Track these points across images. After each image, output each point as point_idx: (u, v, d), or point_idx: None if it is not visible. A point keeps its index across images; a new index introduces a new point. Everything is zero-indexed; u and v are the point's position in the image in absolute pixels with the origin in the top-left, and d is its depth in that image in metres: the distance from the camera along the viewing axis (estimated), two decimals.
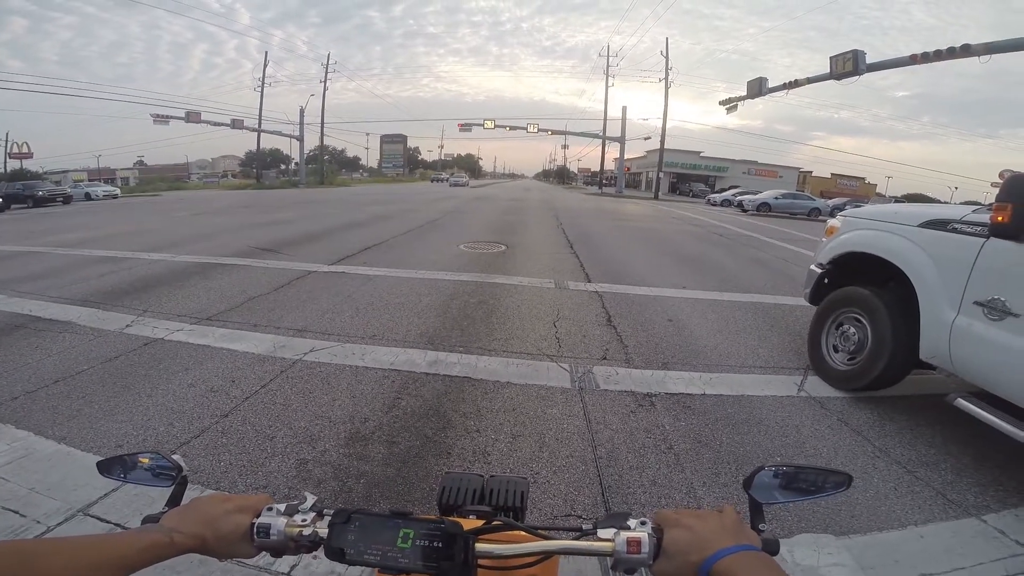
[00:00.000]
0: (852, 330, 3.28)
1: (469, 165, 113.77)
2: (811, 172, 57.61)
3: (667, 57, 38.23)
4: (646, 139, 45.75)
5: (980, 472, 2.46)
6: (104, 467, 0.72)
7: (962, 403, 2.46)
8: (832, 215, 4.40)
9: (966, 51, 14.96)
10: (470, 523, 0.66)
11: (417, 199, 23.09)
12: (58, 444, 2.48)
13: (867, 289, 3.22)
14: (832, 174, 57.77)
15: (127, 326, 4.18)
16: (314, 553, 0.61)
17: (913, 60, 16.80)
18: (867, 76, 18.54)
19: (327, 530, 0.59)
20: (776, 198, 25.96)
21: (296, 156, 49.66)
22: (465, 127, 41.59)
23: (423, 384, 3.21)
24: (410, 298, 5.20)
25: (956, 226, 2.64)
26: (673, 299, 5.52)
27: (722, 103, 26.70)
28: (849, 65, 18.34)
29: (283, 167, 67.90)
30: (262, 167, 52.60)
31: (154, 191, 38.20)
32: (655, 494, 2.21)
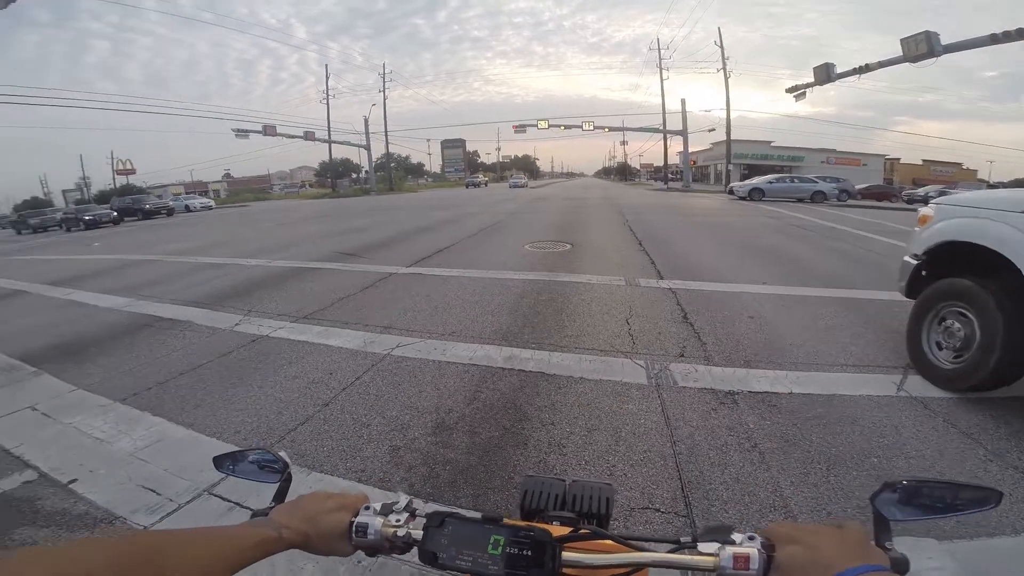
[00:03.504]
0: (957, 325, 3.05)
1: (526, 166, 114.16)
2: (899, 159, 52.59)
3: (722, 47, 36.45)
4: (710, 131, 43.78)
5: None
6: (218, 462, 0.76)
7: None
8: (925, 203, 4.05)
9: None
10: (556, 530, 0.62)
11: (479, 202, 23.54)
12: (187, 430, 2.82)
13: (971, 280, 3.00)
14: (924, 160, 52.42)
15: (236, 324, 4.66)
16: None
17: (994, 39, 15.27)
18: (949, 58, 16.99)
19: (420, 532, 0.59)
20: (770, 182, 24.27)
21: (365, 164, 52.25)
22: (520, 128, 41.73)
23: (500, 378, 3.34)
24: (483, 297, 5.38)
25: None
26: (753, 295, 5.31)
27: (789, 91, 25.14)
28: (923, 47, 16.92)
29: (355, 176, 71.62)
30: (336, 176, 55.74)
31: (243, 202, 41.69)
32: (738, 491, 2.17)
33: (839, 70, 21.94)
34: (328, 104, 46.62)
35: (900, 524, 0.57)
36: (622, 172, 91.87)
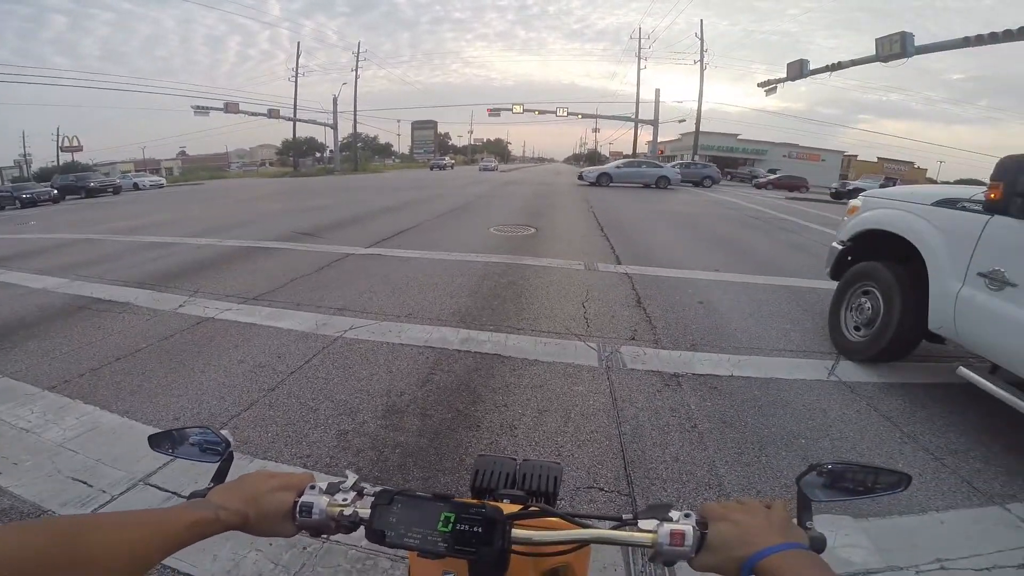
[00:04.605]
0: (867, 303, 3.42)
1: (498, 150, 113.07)
2: (856, 156, 54.89)
3: (702, 39, 37.02)
4: (681, 122, 44.44)
5: (1010, 461, 2.38)
6: (154, 441, 0.72)
7: (963, 371, 2.64)
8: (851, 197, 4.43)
9: (1023, 34, 14.09)
10: (506, 507, 0.64)
11: (448, 184, 23.26)
12: (121, 418, 2.69)
13: (881, 263, 3.36)
14: (879, 158, 54.86)
15: (180, 306, 4.47)
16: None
17: (967, 42, 15.95)
18: (919, 59, 17.61)
19: (368, 510, 0.58)
20: (618, 167, 24.66)
21: (331, 144, 50.70)
22: (494, 112, 41.28)
23: (455, 360, 3.34)
24: (443, 279, 5.35)
25: (965, 204, 2.80)
26: (705, 281, 5.47)
27: (761, 85, 25.75)
28: (896, 47, 17.50)
29: (318, 155, 69.32)
30: (298, 155, 53.87)
31: (197, 180, 39.79)
32: (677, 470, 2.26)
33: (813, 67, 22.54)
34: (296, 82, 44.94)
35: (821, 504, 0.62)
36: (592, 159, 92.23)
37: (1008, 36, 14.35)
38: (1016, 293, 2.41)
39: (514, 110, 39.14)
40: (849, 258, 3.77)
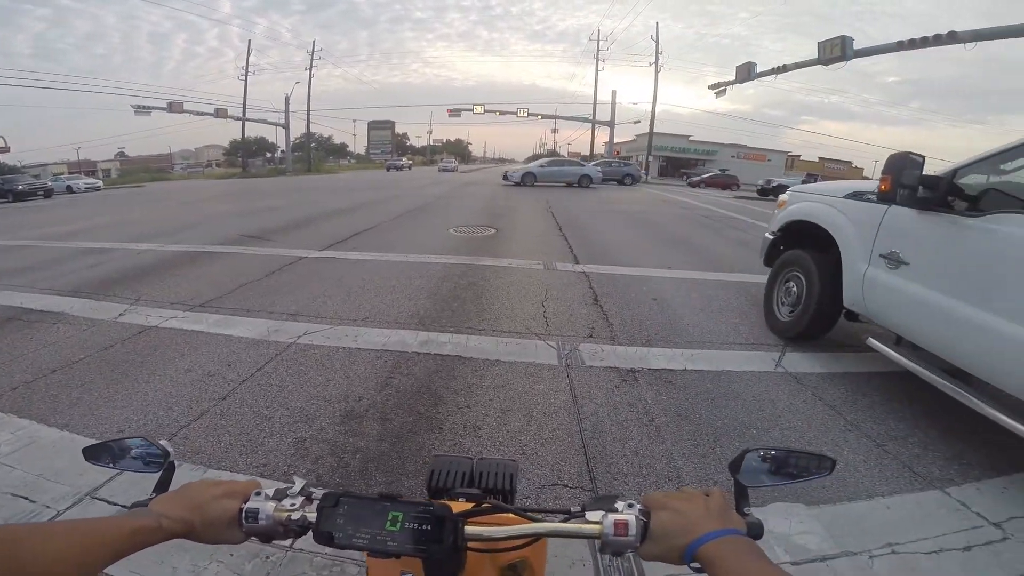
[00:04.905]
0: (794, 287, 3.83)
1: (458, 151, 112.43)
2: (799, 156, 57.84)
3: (657, 41, 38.05)
4: (636, 123, 45.75)
5: (946, 446, 2.52)
6: (91, 454, 0.70)
7: (872, 342, 3.06)
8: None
9: (952, 38, 15.11)
10: (460, 506, 0.65)
11: (405, 185, 22.95)
12: (61, 432, 2.52)
13: (804, 251, 3.74)
14: (820, 158, 57.99)
15: (120, 315, 4.22)
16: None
17: (900, 46, 16.94)
18: (858, 62, 18.62)
19: (316, 514, 0.58)
20: (542, 166, 25.22)
21: (282, 144, 48.95)
22: (454, 112, 41.09)
23: (415, 363, 3.30)
24: (401, 281, 5.28)
25: (869, 196, 3.16)
26: (658, 279, 5.64)
27: (711, 87, 26.72)
28: (837, 50, 18.41)
29: (269, 155, 66.84)
30: (247, 156, 51.79)
31: (137, 182, 37.59)
32: (637, 464, 2.32)
33: (760, 69, 23.53)
34: (246, 80, 43.20)
35: (756, 490, 0.64)
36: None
37: (938, 40, 15.42)
38: (909, 271, 2.77)
39: (475, 111, 39.06)
40: (781, 248, 4.16)
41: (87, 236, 8.63)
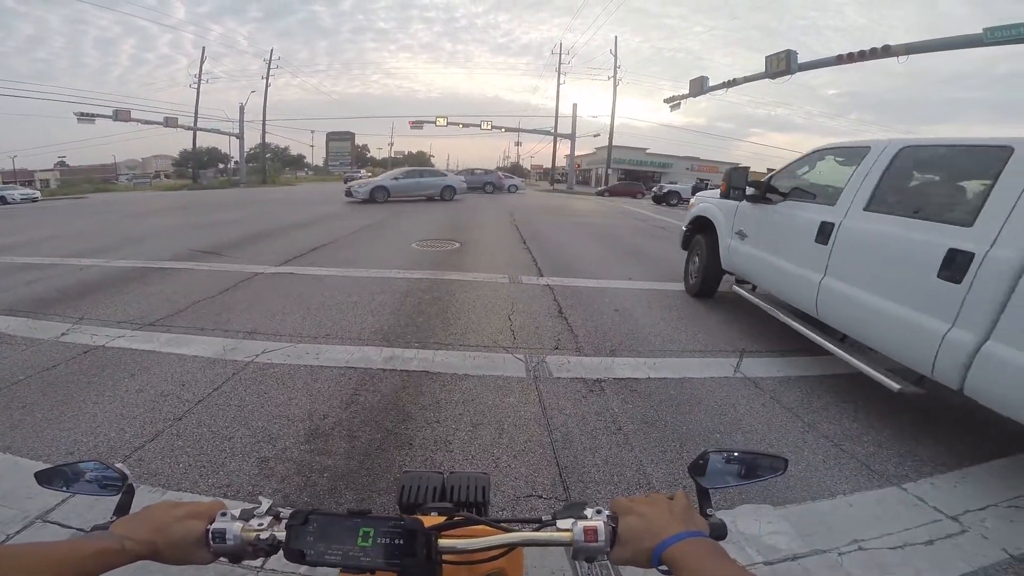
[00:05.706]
0: (696, 260, 5.53)
1: (421, 163, 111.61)
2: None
3: (616, 55, 39.35)
4: (595, 136, 46.86)
5: (898, 444, 2.65)
6: (43, 478, 0.69)
7: (736, 288, 4.76)
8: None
9: (887, 51, 16.27)
10: (432, 520, 0.65)
11: None
12: (3, 454, 2.38)
13: (702, 236, 5.37)
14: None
15: (63, 334, 3.96)
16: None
17: (840, 60, 18.09)
18: (802, 76, 19.74)
19: (285, 533, 0.58)
20: (395, 179, 20.60)
21: (236, 155, 47.43)
22: (417, 124, 40.88)
23: (380, 380, 3.26)
24: (363, 297, 5.19)
25: (729, 195, 4.70)
26: (620, 290, 5.78)
27: (666, 101, 27.74)
28: (783, 64, 19.44)
29: (222, 166, 64.36)
30: (198, 167, 49.76)
31: (79, 193, 35.43)
32: (608, 472, 2.36)
33: (712, 83, 24.55)
34: (199, 89, 41.60)
35: (722, 491, 0.67)
36: (514, 172, 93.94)
37: (874, 54, 16.59)
38: (749, 240, 4.42)
39: (437, 123, 38.90)
40: (694, 236, 5.66)
41: (24, 250, 8.07)
